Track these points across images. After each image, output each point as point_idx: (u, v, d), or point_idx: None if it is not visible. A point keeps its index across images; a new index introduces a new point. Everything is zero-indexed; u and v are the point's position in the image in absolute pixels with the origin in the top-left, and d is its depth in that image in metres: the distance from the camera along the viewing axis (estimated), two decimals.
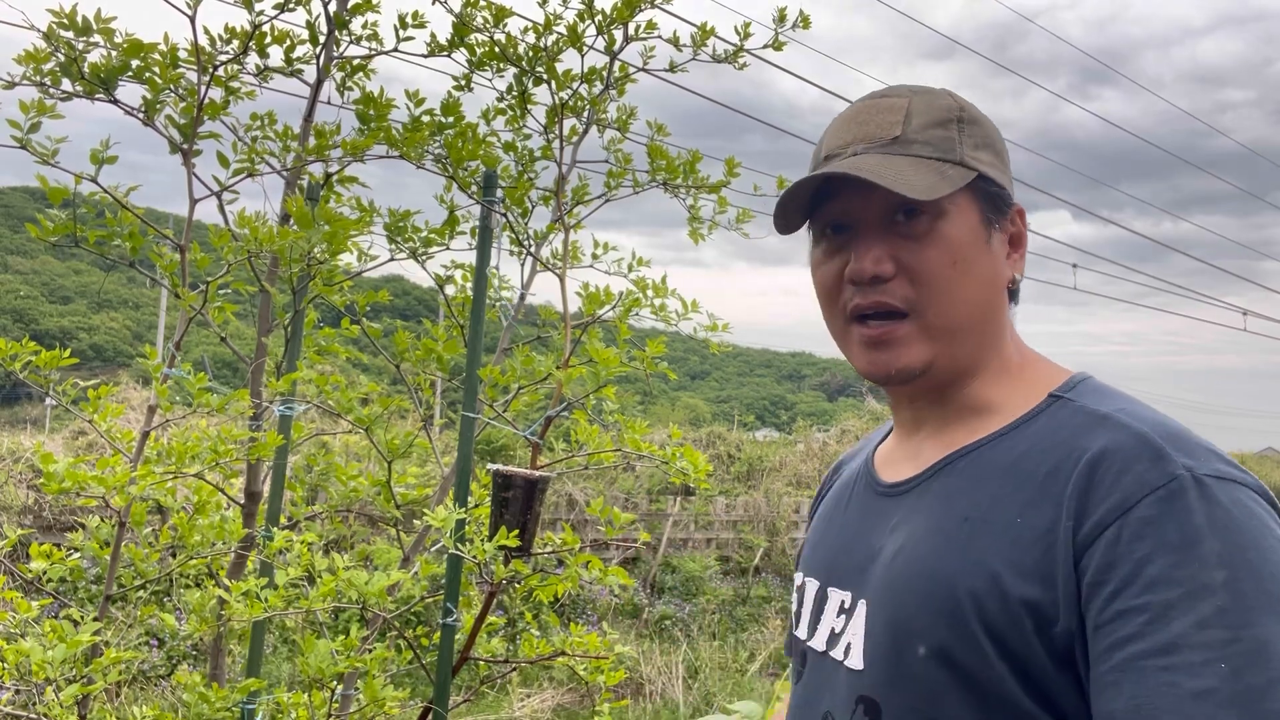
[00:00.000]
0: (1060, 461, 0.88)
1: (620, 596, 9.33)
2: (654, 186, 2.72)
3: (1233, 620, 0.76)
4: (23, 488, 8.18)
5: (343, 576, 2.12)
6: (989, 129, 1.03)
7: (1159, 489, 0.82)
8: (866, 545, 1.03)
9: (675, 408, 30.44)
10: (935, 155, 0.97)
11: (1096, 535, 0.82)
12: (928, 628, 0.90)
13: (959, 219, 0.97)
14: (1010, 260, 1.03)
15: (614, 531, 2.33)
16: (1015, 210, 1.03)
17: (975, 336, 0.99)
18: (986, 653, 0.86)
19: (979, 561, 0.88)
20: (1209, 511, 0.80)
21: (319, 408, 2.56)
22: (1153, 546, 0.80)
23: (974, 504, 0.93)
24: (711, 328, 2.60)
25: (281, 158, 2.30)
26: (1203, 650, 0.76)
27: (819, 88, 10.95)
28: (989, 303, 1.00)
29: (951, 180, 0.96)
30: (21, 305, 61.15)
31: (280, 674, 6.61)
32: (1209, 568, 0.78)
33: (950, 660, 0.88)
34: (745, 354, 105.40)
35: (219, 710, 2.05)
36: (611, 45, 2.59)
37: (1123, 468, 0.84)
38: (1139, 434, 0.86)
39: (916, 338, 0.98)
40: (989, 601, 0.86)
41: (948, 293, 0.97)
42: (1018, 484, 0.90)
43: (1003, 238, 1.02)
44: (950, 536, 0.92)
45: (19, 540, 2.26)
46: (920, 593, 0.92)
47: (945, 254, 0.96)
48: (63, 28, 2.01)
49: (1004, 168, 1.03)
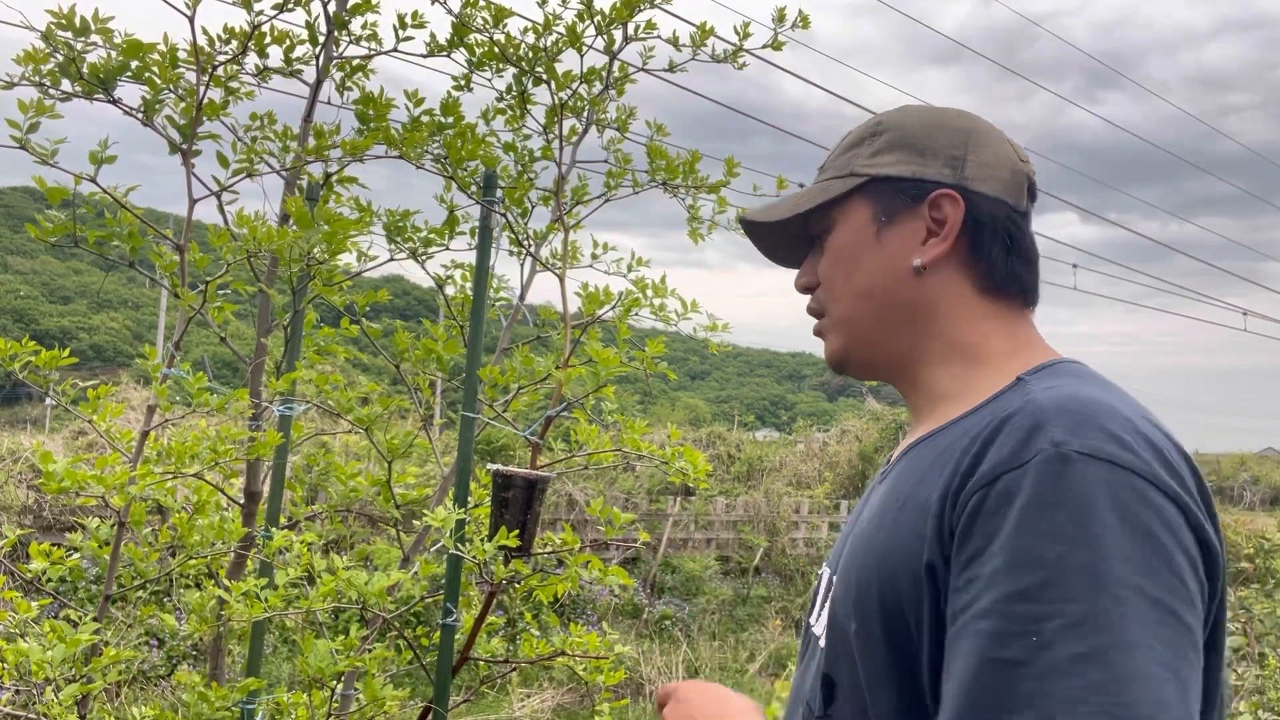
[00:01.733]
0: (974, 436, 0.88)
1: (620, 596, 9.33)
2: (653, 187, 2.72)
3: (1054, 595, 0.75)
4: (23, 488, 8.18)
5: (342, 576, 2.12)
6: (904, 131, 1.07)
7: (1022, 465, 0.81)
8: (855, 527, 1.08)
9: (675, 408, 30.43)
10: (831, 175, 1.10)
11: (966, 503, 0.83)
12: (855, 605, 0.94)
13: (845, 225, 1.08)
14: (924, 247, 1.04)
15: (614, 531, 2.33)
16: (939, 195, 1.03)
17: (876, 323, 1.07)
18: (908, 629, 0.87)
19: (901, 538, 0.90)
20: (1059, 487, 0.79)
21: (319, 408, 2.56)
22: (1001, 520, 0.80)
23: (907, 485, 0.95)
24: (711, 327, 2.60)
25: (281, 158, 2.30)
26: (1017, 621, 0.76)
27: (826, 91, 10.96)
28: (880, 290, 1.06)
29: (827, 192, 1.08)
30: (21, 305, 61.15)
31: (280, 674, 6.61)
32: (1044, 541, 0.77)
33: (871, 636, 0.91)
34: (745, 354, 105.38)
35: (219, 710, 2.05)
36: (611, 45, 2.59)
37: (1002, 441, 0.84)
38: (1037, 407, 0.85)
39: (830, 329, 1.12)
40: (902, 576, 0.88)
41: (835, 288, 1.09)
42: (945, 461, 0.91)
43: (908, 228, 1.04)
44: (885, 517, 0.95)
45: (19, 540, 2.26)
46: (855, 569, 0.96)
47: (833, 259, 1.09)
48: (61, 28, 2.01)
49: (922, 160, 1.05)
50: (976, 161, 1.05)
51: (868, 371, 1.11)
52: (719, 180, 2.72)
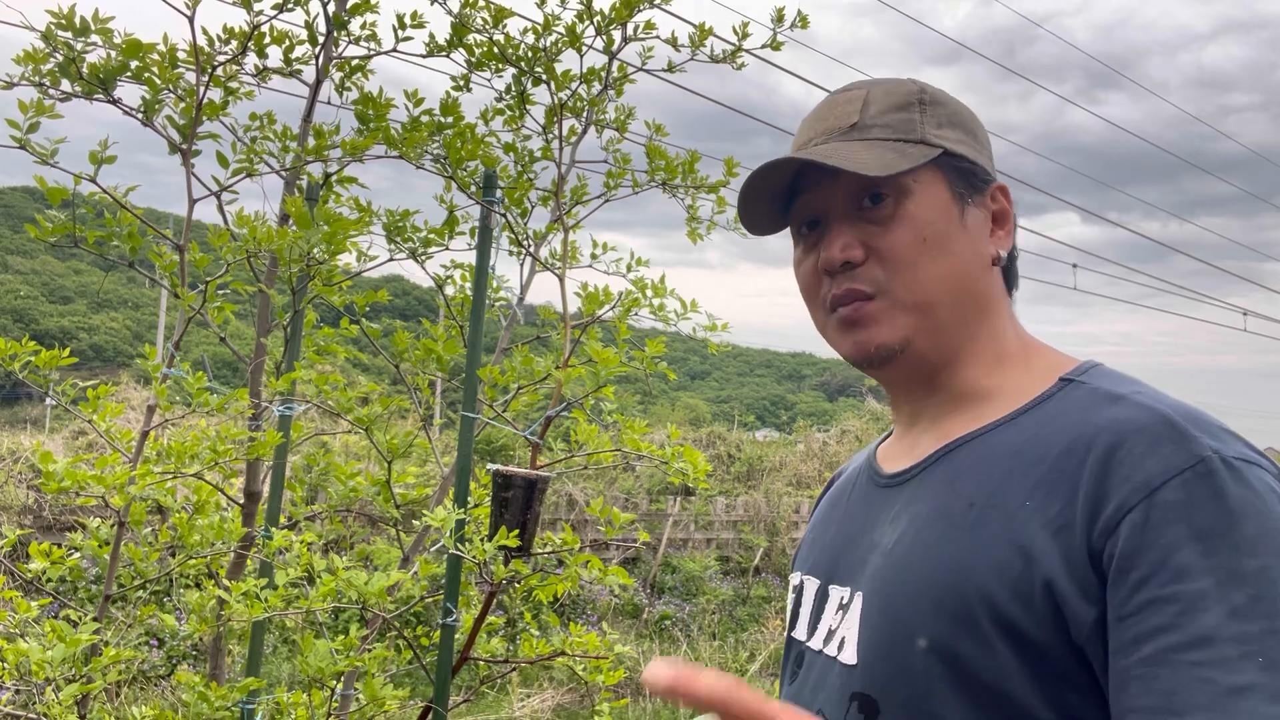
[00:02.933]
0: (1074, 440, 0.84)
1: (620, 596, 9.33)
2: (653, 187, 2.72)
3: (1267, 609, 0.72)
4: (23, 488, 8.19)
5: (342, 576, 2.12)
6: (956, 108, 1.01)
7: (1185, 470, 0.77)
8: (868, 539, 0.99)
9: (675, 408, 30.42)
10: (894, 136, 0.96)
11: (1119, 519, 0.77)
12: (928, 619, 0.85)
13: (925, 197, 0.95)
14: (995, 238, 0.99)
15: (614, 531, 2.33)
16: (995, 187, 1.00)
17: (954, 313, 0.96)
18: (994, 646, 0.81)
19: (987, 548, 0.84)
20: (1240, 495, 0.76)
21: (319, 408, 2.56)
22: (1182, 532, 0.75)
23: (980, 488, 0.88)
24: (710, 327, 2.61)
25: (281, 158, 2.30)
26: (1238, 644, 0.72)
27: (826, 91, 10.97)
28: (966, 277, 0.97)
29: (911, 157, 0.94)
30: (21, 305, 61.16)
31: (280, 674, 6.61)
32: (1241, 554, 0.74)
33: (953, 654, 0.83)
34: (745, 354, 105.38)
35: (218, 710, 2.05)
36: (610, 46, 2.59)
37: (1146, 448, 0.79)
38: (1160, 414, 0.82)
39: (888, 314, 0.96)
40: (999, 591, 0.81)
41: (916, 268, 0.95)
42: (1027, 465, 0.85)
43: (981, 214, 0.99)
44: (955, 522, 0.88)
45: (19, 540, 2.26)
46: (921, 581, 0.87)
47: (912, 232, 0.94)
48: (61, 28, 2.01)
49: (977, 145, 1.01)
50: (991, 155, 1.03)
51: (913, 365, 0.99)
52: (718, 180, 2.73)
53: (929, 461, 0.97)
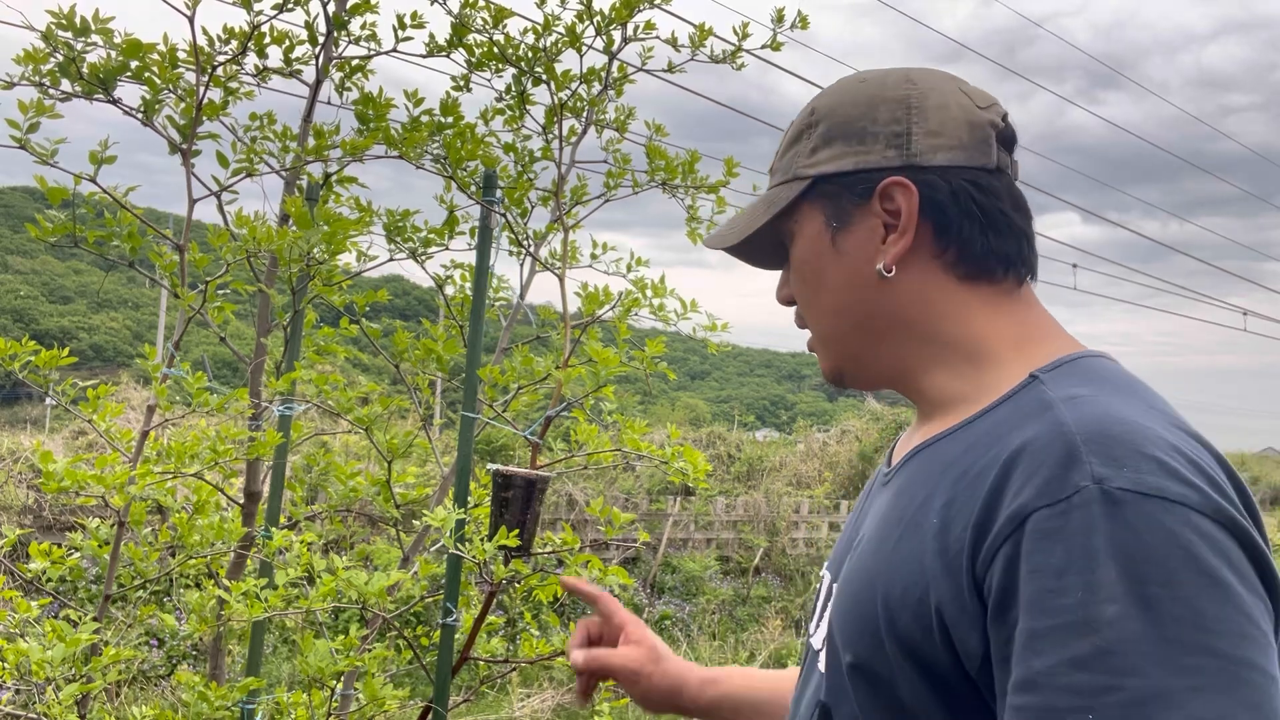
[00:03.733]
0: (988, 458, 0.79)
1: (620, 596, 9.33)
2: (653, 187, 2.72)
3: (1114, 664, 0.65)
4: (23, 487, 8.19)
5: (342, 576, 2.12)
6: (836, 119, 0.94)
7: (1060, 501, 0.70)
8: (855, 534, 0.99)
9: (675, 408, 30.43)
10: (780, 180, 0.99)
11: (995, 551, 0.73)
12: (851, 637, 0.85)
13: (802, 237, 0.98)
14: (883, 247, 0.92)
15: (614, 531, 2.33)
16: (885, 186, 0.91)
17: (862, 337, 0.96)
18: (903, 669, 0.79)
19: (901, 567, 0.81)
20: (1111, 532, 0.68)
21: (318, 407, 2.56)
22: (1038, 565, 0.69)
23: (911, 502, 0.86)
24: (710, 327, 2.61)
25: (281, 158, 2.30)
26: (1069, 694, 0.66)
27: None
28: (853, 304, 0.95)
29: (770, 208, 0.98)
30: (21, 305, 61.16)
31: (280, 674, 6.61)
32: (1097, 600, 0.67)
33: (871, 673, 0.82)
34: (745, 354, 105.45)
35: (218, 710, 2.05)
36: (610, 46, 2.59)
37: (1029, 472, 0.73)
38: (1061, 432, 0.74)
39: (819, 348, 1.02)
40: (901, 613, 0.79)
41: (810, 308, 1.00)
42: (951, 481, 0.81)
43: (865, 229, 0.93)
44: (885, 539, 0.86)
45: (19, 540, 2.26)
46: (851, 598, 0.87)
47: (799, 276, 0.99)
48: (61, 28, 2.01)
49: (861, 150, 0.92)
50: (923, 131, 0.91)
51: (869, 385, 1.03)
52: (718, 180, 2.73)
53: (900, 465, 0.96)
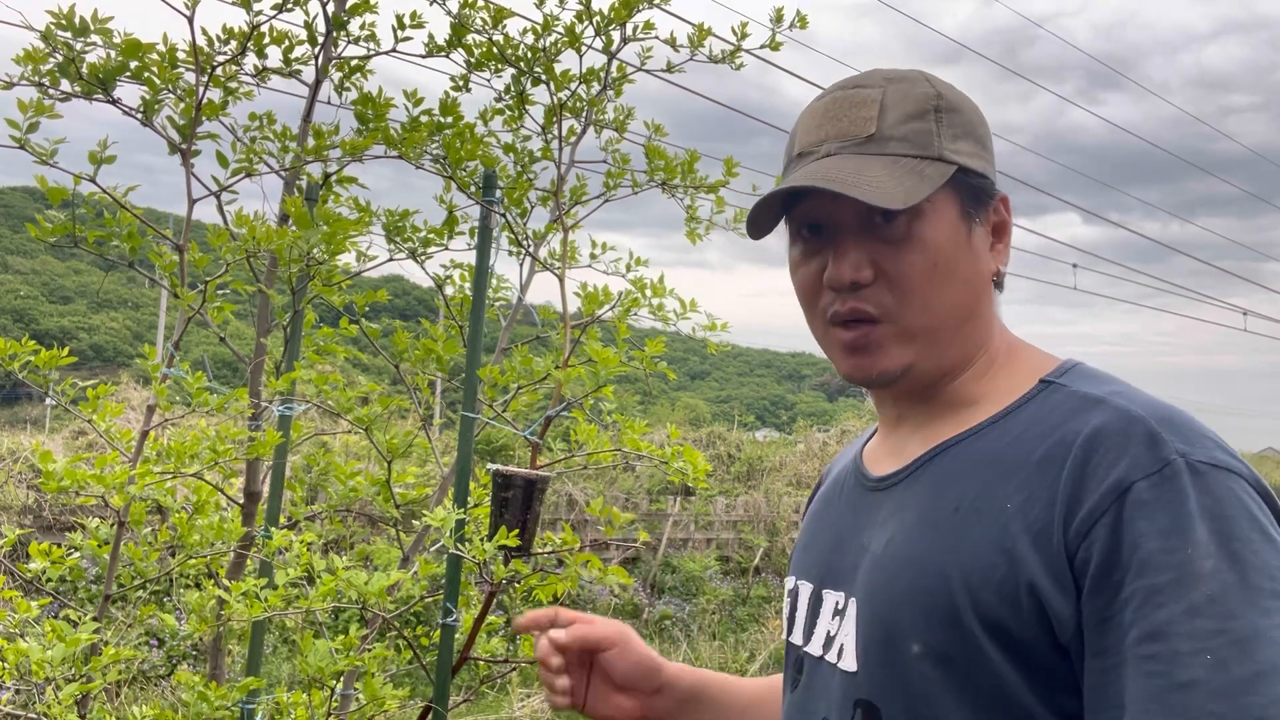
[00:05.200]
0: (1054, 445, 0.86)
1: (620, 596, 9.33)
2: (652, 187, 2.72)
3: (1220, 610, 0.75)
4: (23, 487, 8.19)
5: (342, 576, 2.12)
6: (969, 114, 0.98)
7: (1153, 473, 0.80)
8: (858, 542, 0.99)
9: (675, 408, 30.42)
10: (912, 152, 0.93)
11: (1093, 521, 0.80)
12: (920, 624, 0.87)
13: (937, 219, 0.93)
14: (995, 251, 0.99)
15: (614, 531, 2.33)
16: (999, 199, 0.99)
17: (957, 335, 0.96)
18: (984, 649, 0.83)
19: (972, 552, 0.86)
20: (1200, 499, 0.79)
21: (318, 408, 2.56)
22: (1145, 529, 0.78)
23: (964, 493, 0.90)
24: (710, 327, 2.61)
25: (280, 158, 2.30)
26: (1189, 639, 0.75)
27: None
28: (972, 301, 0.97)
29: (929, 180, 0.91)
30: (21, 305, 61.16)
31: (280, 674, 6.61)
32: (1199, 555, 0.77)
33: (946, 658, 0.85)
34: (745, 354, 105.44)
35: (218, 709, 2.05)
36: (609, 46, 2.59)
37: (1117, 452, 0.82)
38: (1134, 416, 0.84)
39: (894, 341, 0.95)
40: (984, 593, 0.83)
41: (926, 296, 0.94)
42: (1008, 470, 0.88)
43: (984, 230, 0.98)
44: (940, 528, 0.89)
45: (19, 540, 2.26)
46: (910, 588, 0.89)
47: (923, 258, 0.93)
48: (61, 28, 2.01)
49: (986, 155, 0.98)
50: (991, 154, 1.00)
51: (910, 384, 0.99)
52: (718, 180, 2.73)
53: (915, 466, 0.97)
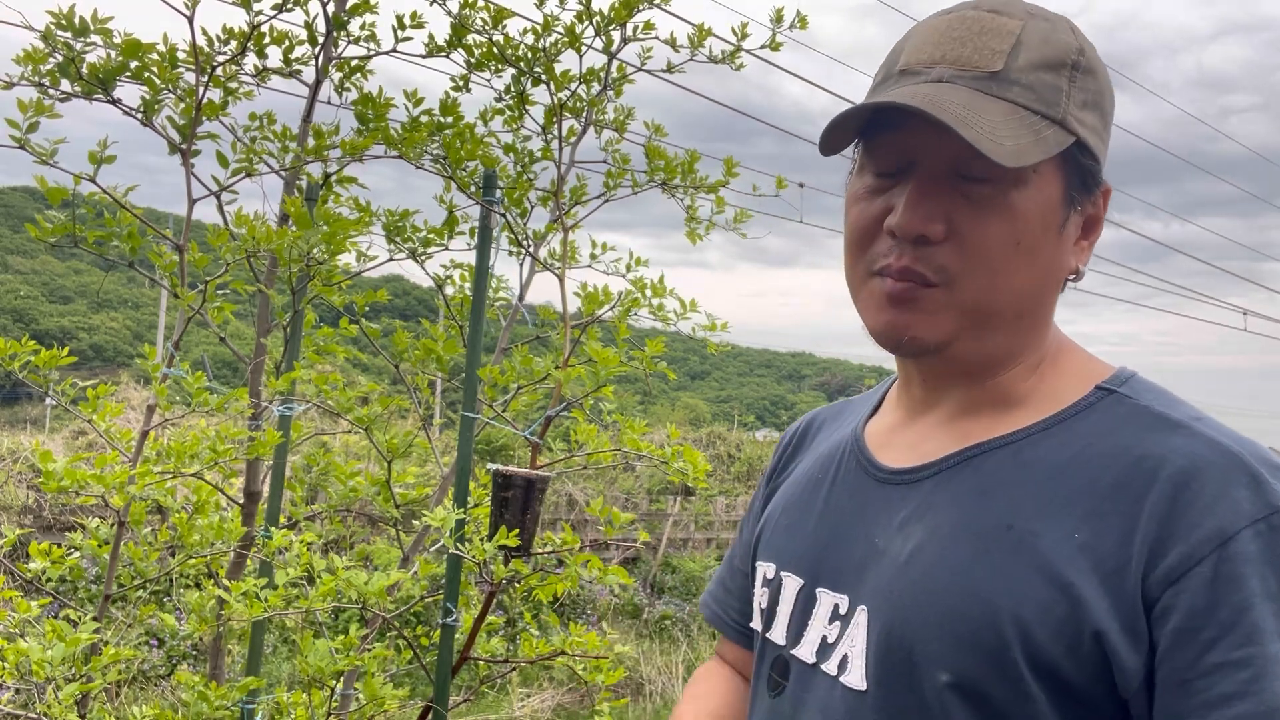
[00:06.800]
0: (1128, 471, 0.76)
1: (620, 596, 9.33)
2: (652, 187, 2.72)
3: None
4: (23, 487, 8.19)
5: (342, 576, 2.12)
6: (1103, 83, 0.84)
7: (1259, 521, 0.70)
8: (866, 541, 0.88)
9: (675, 408, 30.44)
10: (1035, 106, 0.79)
11: (1185, 569, 0.70)
12: (952, 652, 0.77)
13: (1037, 191, 0.80)
14: (1078, 247, 0.87)
15: (614, 531, 2.33)
16: (1102, 190, 0.86)
17: (1012, 325, 0.85)
18: (1029, 691, 0.74)
19: (1027, 581, 0.75)
20: None
21: (318, 407, 2.56)
22: (1256, 589, 0.69)
23: (1018, 509, 0.79)
24: (710, 327, 2.61)
25: (280, 158, 2.30)
26: None
27: (828, 92, 11.05)
28: (1040, 292, 0.85)
29: (1045, 144, 0.78)
30: (21, 305, 61.17)
31: (280, 673, 6.61)
32: None
33: (980, 695, 0.76)
34: (745, 354, 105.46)
35: (218, 709, 2.05)
36: (609, 46, 2.59)
37: (1217, 492, 0.71)
38: (1230, 452, 0.74)
39: (942, 308, 0.82)
40: (1039, 631, 0.74)
41: (996, 273, 0.81)
42: (1075, 491, 0.77)
43: (1079, 220, 0.85)
44: (987, 545, 0.78)
45: (19, 540, 2.26)
46: (947, 611, 0.78)
47: (1008, 230, 0.80)
48: (61, 28, 2.01)
49: (1105, 135, 0.85)
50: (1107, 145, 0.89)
51: (945, 362, 0.88)
52: (718, 180, 2.73)
53: (948, 464, 0.86)
